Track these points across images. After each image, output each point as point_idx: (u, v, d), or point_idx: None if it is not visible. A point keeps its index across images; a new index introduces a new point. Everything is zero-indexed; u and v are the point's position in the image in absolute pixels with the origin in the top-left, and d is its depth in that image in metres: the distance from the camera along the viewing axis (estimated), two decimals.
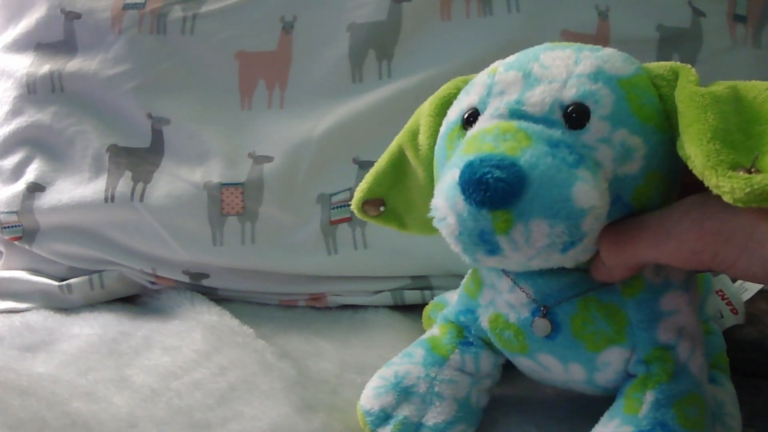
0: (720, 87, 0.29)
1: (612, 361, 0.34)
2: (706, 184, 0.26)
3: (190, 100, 0.67)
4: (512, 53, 0.35)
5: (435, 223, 0.30)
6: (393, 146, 0.41)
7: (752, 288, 0.48)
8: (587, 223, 0.28)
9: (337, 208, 0.63)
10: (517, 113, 0.30)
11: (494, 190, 0.26)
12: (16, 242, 0.67)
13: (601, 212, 0.28)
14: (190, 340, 0.52)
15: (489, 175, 0.27)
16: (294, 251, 0.62)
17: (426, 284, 0.62)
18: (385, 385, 0.39)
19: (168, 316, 0.60)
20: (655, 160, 0.30)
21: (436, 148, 0.36)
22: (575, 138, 0.29)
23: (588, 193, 0.27)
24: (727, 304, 0.46)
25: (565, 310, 0.34)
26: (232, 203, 0.63)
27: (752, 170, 0.25)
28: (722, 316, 0.46)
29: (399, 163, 0.41)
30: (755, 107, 0.28)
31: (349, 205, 0.62)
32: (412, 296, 0.61)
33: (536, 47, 0.34)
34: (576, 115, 0.30)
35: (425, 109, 0.39)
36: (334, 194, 0.63)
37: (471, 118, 0.33)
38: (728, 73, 0.32)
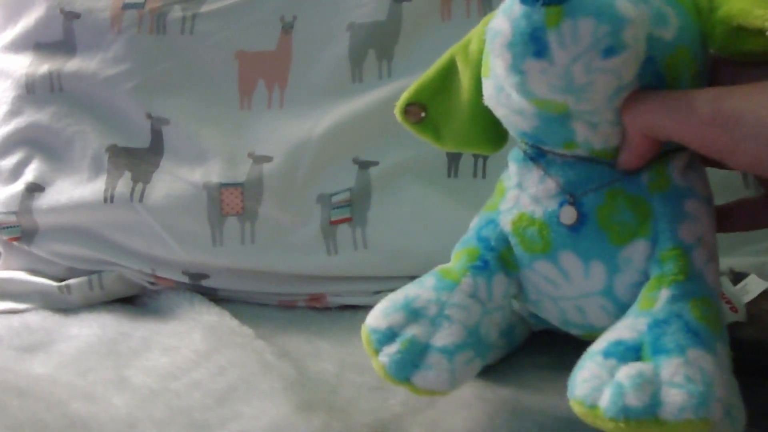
0: None
1: (634, 257, 0.34)
2: (750, 19, 0.29)
3: (189, 100, 0.67)
4: None
5: (489, 40, 0.32)
6: (445, 55, 0.42)
7: (753, 291, 0.49)
8: (628, 33, 0.29)
9: (337, 208, 0.63)
10: None
11: None
12: (15, 243, 0.67)
13: (639, 34, 0.30)
14: (189, 341, 0.52)
15: None
16: (294, 251, 0.62)
17: None
18: (394, 305, 0.38)
19: (167, 316, 0.60)
20: (686, 37, 0.32)
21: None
22: None
23: (630, 8, 0.29)
24: (726, 302, 0.46)
25: (591, 200, 0.35)
26: (232, 203, 0.63)
27: None
28: None
29: (447, 72, 0.42)
30: None
31: (350, 205, 0.62)
32: None
33: None
34: None
35: (479, 24, 0.41)
36: (334, 194, 0.63)
37: None
38: None
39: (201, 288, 0.64)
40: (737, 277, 0.51)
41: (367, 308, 0.61)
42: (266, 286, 0.64)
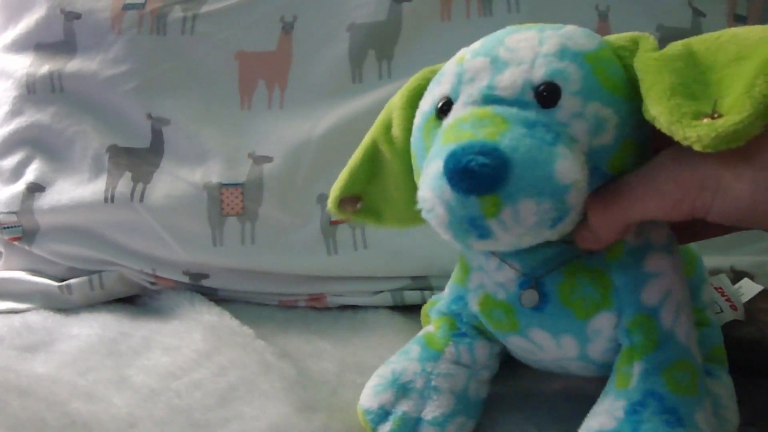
0: (674, 47, 0.30)
1: (602, 328, 0.34)
2: (675, 138, 0.27)
3: (190, 101, 0.67)
4: None
5: (424, 214, 0.30)
6: (366, 141, 0.42)
7: (749, 291, 0.49)
8: (572, 197, 0.28)
9: None
10: (490, 98, 0.31)
11: (480, 176, 0.27)
12: (15, 242, 0.67)
13: (582, 185, 0.29)
14: (189, 341, 0.52)
15: (473, 162, 0.27)
16: (294, 251, 0.62)
17: (426, 284, 0.62)
18: (383, 383, 0.39)
19: (168, 316, 0.60)
20: (627, 129, 0.31)
21: (413, 139, 0.37)
22: (549, 116, 0.30)
23: (569, 168, 0.28)
24: (726, 300, 0.46)
25: (552, 280, 0.34)
26: (232, 203, 0.63)
27: (714, 116, 0.26)
28: (721, 311, 0.46)
29: (373, 158, 0.41)
30: (709, 57, 0.29)
31: None
32: (412, 296, 0.61)
33: (499, 31, 0.34)
34: (547, 94, 0.30)
35: (396, 102, 0.39)
36: None
37: (445, 107, 0.33)
38: None
39: (201, 288, 0.64)
40: (737, 275, 0.52)
41: (367, 308, 0.62)
42: (266, 286, 0.64)
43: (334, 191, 0.41)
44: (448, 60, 0.37)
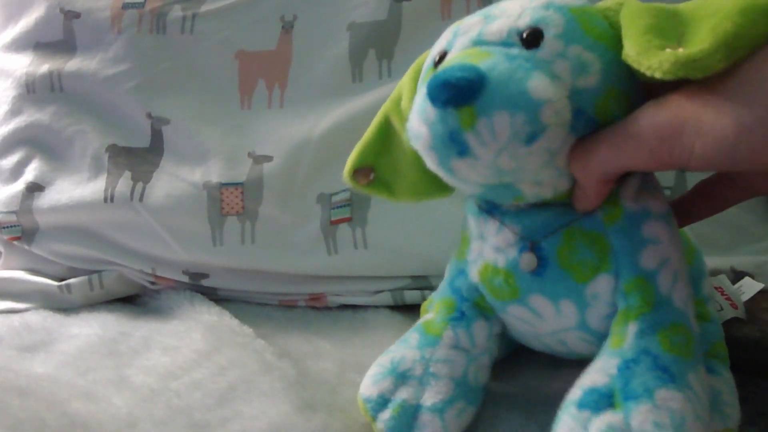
0: (660, 3, 0.31)
1: (600, 292, 0.34)
2: (642, 70, 0.28)
3: (189, 100, 0.67)
4: None
5: (412, 142, 0.32)
6: (379, 115, 0.43)
7: (749, 291, 0.49)
8: (546, 114, 0.29)
9: (337, 208, 0.63)
10: (478, 42, 0.33)
11: (457, 87, 0.29)
12: (15, 242, 0.67)
13: (559, 107, 0.30)
14: (189, 340, 0.52)
15: (451, 77, 0.29)
16: (294, 251, 0.62)
17: (426, 284, 0.62)
18: (382, 371, 0.39)
19: (167, 316, 0.60)
20: (612, 76, 0.32)
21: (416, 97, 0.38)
22: (532, 54, 0.31)
23: (544, 87, 0.29)
24: (726, 299, 0.46)
25: (551, 243, 0.35)
26: (232, 203, 0.63)
27: (679, 49, 0.27)
28: (722, 308, 0.46)
29: (386, 132, 0.43)
30: (689, 13, 0.30)
31: (350, 205, 0.62)
32: (412, 296, 0.61)
33: None
34: (530, 38, 0.32)
35: (405, 77, 0.41)
36: (334, 194, 0.63)
37: (441, 59, 0.35)
38: None
39: (201, 287, 0.64)
40: (737, 276, 0.52)
41: (367, 308, 0.61)
42: (266, 285, 0.64)
43: (349, 162, 0.43)
44: None
